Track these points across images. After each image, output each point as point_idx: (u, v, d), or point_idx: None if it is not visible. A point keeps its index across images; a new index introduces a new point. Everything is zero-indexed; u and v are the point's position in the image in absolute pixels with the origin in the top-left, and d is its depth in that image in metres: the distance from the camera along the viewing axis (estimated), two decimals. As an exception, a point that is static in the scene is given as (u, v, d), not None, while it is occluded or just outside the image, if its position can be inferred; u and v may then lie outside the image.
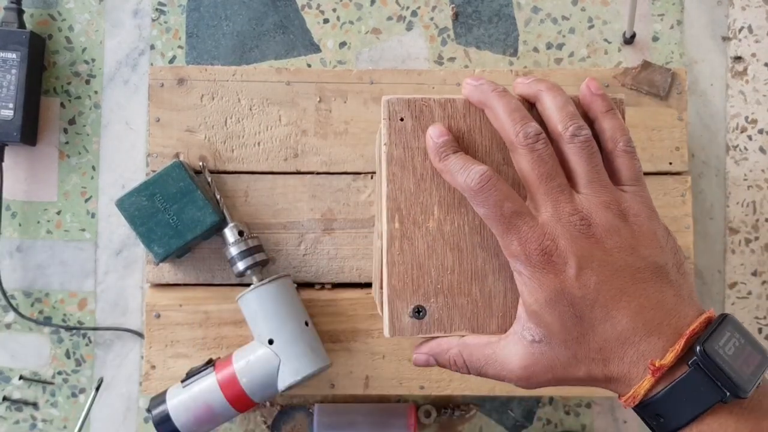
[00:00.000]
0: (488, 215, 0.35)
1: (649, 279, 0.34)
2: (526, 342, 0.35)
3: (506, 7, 0.65)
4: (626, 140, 0.37)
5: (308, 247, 0.58)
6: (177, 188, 0.55)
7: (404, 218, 0.37)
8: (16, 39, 0.61)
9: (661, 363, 0.32)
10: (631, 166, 0.37)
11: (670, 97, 0.59)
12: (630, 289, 0.34)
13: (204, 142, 0.58)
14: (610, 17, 0.65)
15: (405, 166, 0.37)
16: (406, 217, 0.37)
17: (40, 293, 0.64)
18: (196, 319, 0.58)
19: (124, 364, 0.63)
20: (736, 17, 0.66)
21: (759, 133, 0.65)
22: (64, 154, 0.64)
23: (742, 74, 0.65)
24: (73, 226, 0.64)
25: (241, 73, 0.59)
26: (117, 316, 0.64)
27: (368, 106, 0.58)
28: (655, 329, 0.33)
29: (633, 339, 0.33)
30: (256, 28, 0.65)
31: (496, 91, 0.36)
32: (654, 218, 0.36)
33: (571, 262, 0.33)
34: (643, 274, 0.34)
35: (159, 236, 0.55)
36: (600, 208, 0.35)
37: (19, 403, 0.63)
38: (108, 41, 0.65)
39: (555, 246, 0.34)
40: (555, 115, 0.36)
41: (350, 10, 0.65)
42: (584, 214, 0.34)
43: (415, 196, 0.37)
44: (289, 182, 0.58)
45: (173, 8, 0.65)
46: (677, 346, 0.32)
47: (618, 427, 0.63)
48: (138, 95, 0.65)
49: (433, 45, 0.65)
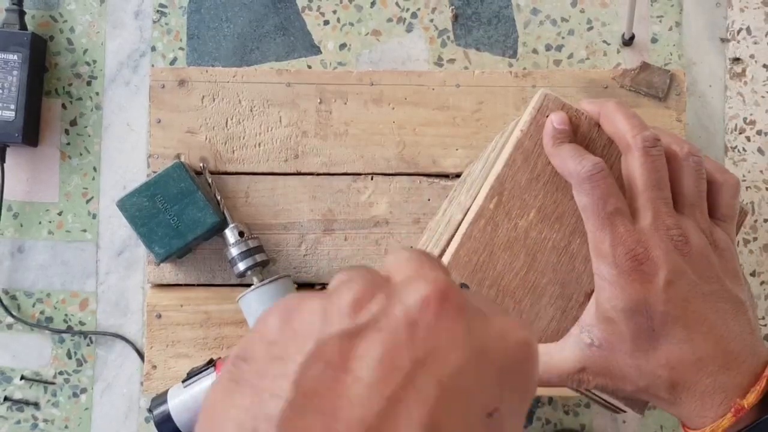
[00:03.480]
0: (589, 206, 0.34)
1: (731, 311, 0.34)
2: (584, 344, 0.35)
3: (505, 8, 0.66)
4: (737, 182, 0.37)
5: (308, 247, 0.59)
6: (178, 189, 0.55)
7: (501, 204, 0.37)
8: (18, 40, 0.62)
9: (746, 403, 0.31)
10: (731, 204, 0.37)
11: (669, 99, 0.59)
12: (713, 317, 0.33)
13: (205, 143, 0.59)
14: (609, 19, 0.65)
15: (527, 159, 0.37)
16: (503, 204, 0.37)
17: (42, 293, 0.64)
18: (197, 320, 0.58)
19: (125, 364, 0.64)
20: (734, 19, 0.66)
21: (757, 134, 0.65)
22: (65, 155, 0.65)
23: (740, 76, 0.66)
24: (75, 226, 0.64)
25: (241, 74, 0.59)
26: (118, 316, 0.64)
27: (368, 107, 0.59)
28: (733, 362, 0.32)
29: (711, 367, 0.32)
30: (257, 29, 0.66)
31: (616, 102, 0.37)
32: (736, 258, 0.36)
33: (661, 274, 0.33)
34: (727, 305, 0.34)
35: (160, 237, 0.55)
36: (697, 232, 0.34)
37: (20, 403, 0.63)
38: (109, 43, 0.65)
39: (647, 255, 0.33)
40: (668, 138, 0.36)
41: (350, 12, 0.66)
42: (683, 231, 0.34)
43: (522, 190, 0.37)
44: (290, 183, 0.59)
45: (174, 10, 0.66)
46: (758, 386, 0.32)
47: (617, 426, 0.64)
48: (139, 96, 0.65)
49: (433, 46, 0.65)
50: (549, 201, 0.37)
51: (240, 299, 0.55)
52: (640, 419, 0.62)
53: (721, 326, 0.33)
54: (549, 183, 0.37)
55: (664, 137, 0.36)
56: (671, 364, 0.33)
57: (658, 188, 0.34)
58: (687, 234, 0.34)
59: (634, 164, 0.34)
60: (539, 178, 0.37)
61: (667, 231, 0.33)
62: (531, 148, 0.37)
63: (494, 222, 0.37)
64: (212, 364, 0.55)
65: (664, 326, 0.33)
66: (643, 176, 0.34)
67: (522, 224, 0.37)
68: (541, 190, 0.37)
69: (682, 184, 0.35)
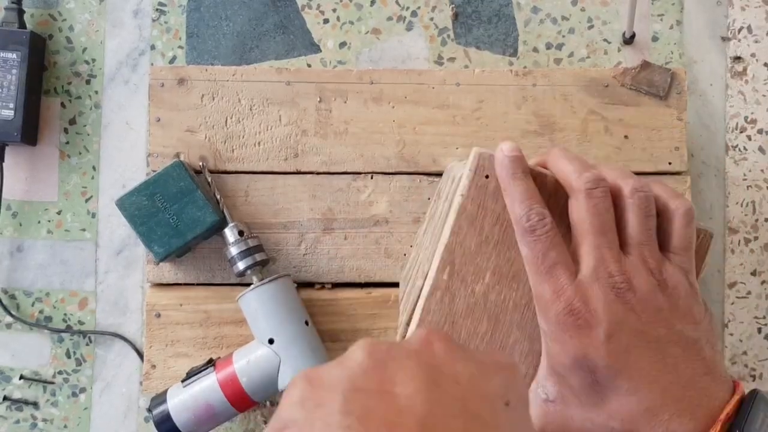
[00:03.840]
0: (530, 258, 0.33)
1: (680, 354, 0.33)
2: (540, 400, 0.34)
3: (506, 7, 0.65)
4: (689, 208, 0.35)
5: (308, 246, 0.58)
6: (177, 188, 0.55)
7: (454, 273, 0.36)
8: (17, 39, 0.61)
9: None
10: (685, 235, 0.35)
11: (670, 97, 0.59)
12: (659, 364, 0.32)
13: (204, 142, 0.58)
14: (609, 17, 0.65)
15: (473, 224, 0.36)
16: (456, 273, 0.36)
17: (41, 293, 0.64)
18: (196, 319, 0.58)
19: (124, 363, 0.63)
20: (735, 17, 0.66)
21: (758, 133, 0.65)
22: (64, 154, 0.65)
23: (741, 74, 0.66)
24: (74, 225, 0.64)
25: (241, 73, 0.59)
26: (117, 315, 0.64)
27: (368, 106, 0.59)
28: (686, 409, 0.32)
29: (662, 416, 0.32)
30: (257, 28, 0.65)
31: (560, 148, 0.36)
32: (692, 293, 0.34)
33: (601, 327, 0.32)
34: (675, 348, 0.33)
35: (159, 236, 0.55)
36: (643, 274, 0.33)
37: (19, 402, 0.63)
38: (108, 41, 0.65)
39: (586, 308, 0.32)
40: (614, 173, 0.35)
41: (350, 10, 0.65)
42: (626, 277, 0.33)
43: (473, 255, 0.36)
44: (289, 182, 0.58)
45: (173, 8, 0.65)
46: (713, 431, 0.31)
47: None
48: (138, 95, 0.65)
49: (433, 45, 0.65)
50: (502, 261, 0.36)
51: (239, 298, 0.55)
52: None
53: (670, 373, 0.32)
54: (499, 243, 0.36)
55: (610, 173, 0.35)
56: (621, 416, 0.32)
57: (602, 233, 0.33)
58: (631, 279, 0.33)
59: (579, 208, 0.34)
60: (488, 240, 0.36)
61: (609, 278, 0.32)
62: (474, 211, 0.36)
63: (450, 292, 0.36)
64: (212, 364, 0.54)
65: (609, 380, 0.32)
66: (586, 221, 0.33)
67: (479, 289, 0.36)
68: (492, 251, 0.36)
69: (628, 223, 0.34)
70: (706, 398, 0.32)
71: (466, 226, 0.36)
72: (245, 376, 0.52)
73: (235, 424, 0.62)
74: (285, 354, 0.53)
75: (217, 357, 0.56)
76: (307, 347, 0.53)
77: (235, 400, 0.53)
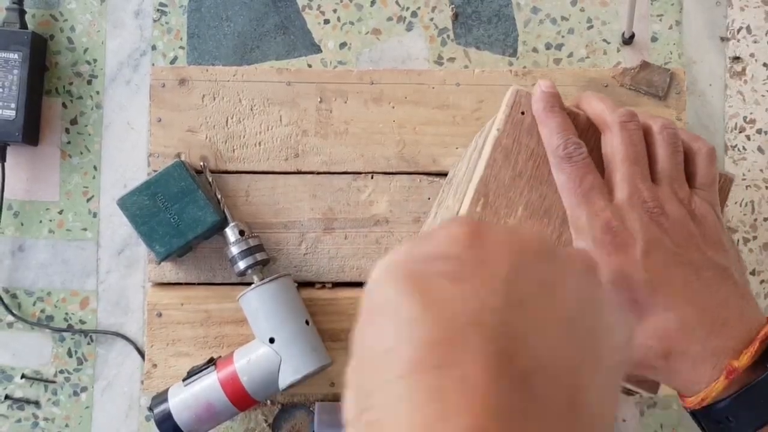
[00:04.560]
0: (566, 183, 0.35)
1: (714, 278, 0.33)
2: None
3: (506, 7, 0.66)
4: (712, 148, 0.37)
5: (309, 246, 0.59)
6: (178, 188, 0.55)
7: (488, 205, 0.37)
8: (18, 39, 0.62)
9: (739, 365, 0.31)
10: (709, 172, 0.37)
11: (669, 98, 0.59)
12: (695, 284, 0.33)
13: (205, 142, 0.59)
14: (609, 18, 0.65)
15: (508, 158, 0.37)
16: (490, 205, 0.37)
17: (42, 292, 0.64)
18: (197, 318, 0.58)
19: (125, 363, 0.64)
20: (734, 17, 0.66)
21: (757, 133, 0.65)
22: (66, 154, 0.65)
23: (740, 74, 0.66)
24: (75, 225, 0.64)
25: (242, 73, 0.59)
26: (119, 315, 0.64)
27: (368, 106, 0.59)
28: (722, 327, 0.32)
29: (699, 333, 0.32)
30: (257, 28, 0.66)
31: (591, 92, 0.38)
32: (719, 224, 0.36)
33: (638, 244, 0.33)
34: (708, 272, 0.34)
35: (160, 235, 0.55)
36: (674, 202, 0.35)
37: (20, 401, 0.63)
38: (109, 42, 0.66)
39: (623, 227, 0.33)
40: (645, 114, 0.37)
41: (350, 11, 0.66)
42: (659, 203, 0.34)
43: (507, 189, 0.37)
44: (290, 182, 0.59)
45: (174, 9, 0.66)
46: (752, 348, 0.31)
47: (617, 426, 0.64)
48: (139, 95, 0.65)
49: (433, 45, 0.65)
50: (535, 196, 0.37)
51: (240, 298, 0.55)
52: (639, 419, 0.62)
53: (706, 293, 0.33)
54: (532, 178, 0.37)
55: (640, 114, 0.37)
56: (659, 334, 0.33)
57: (635, 162, 0.35)
58: (664, 205, 0.34)
59: (613, 140, 0.35)
60: (522, 174, 0.37)
61: (644, 203, 0.34)
62: (510, 145, 0.37)
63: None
64: (212, 363, 0.55)
65: (647, 296, 0.33)
66: (620, 151, 0.35)
67: (511, 222, 0.37)
68: (525, 186, 0.37)
69: (658, 157, 0.36)
70: (742, 319, 0.33)
71: (501, 160, 0.37)
72: (246, 375, 0.53)
73: (236, 423, 0.63)
74: (285, 353, 0.53)
75: (217, 356, 0.56)
76: (307, 346, 0.54)
77: (235, 399, 0.53)
